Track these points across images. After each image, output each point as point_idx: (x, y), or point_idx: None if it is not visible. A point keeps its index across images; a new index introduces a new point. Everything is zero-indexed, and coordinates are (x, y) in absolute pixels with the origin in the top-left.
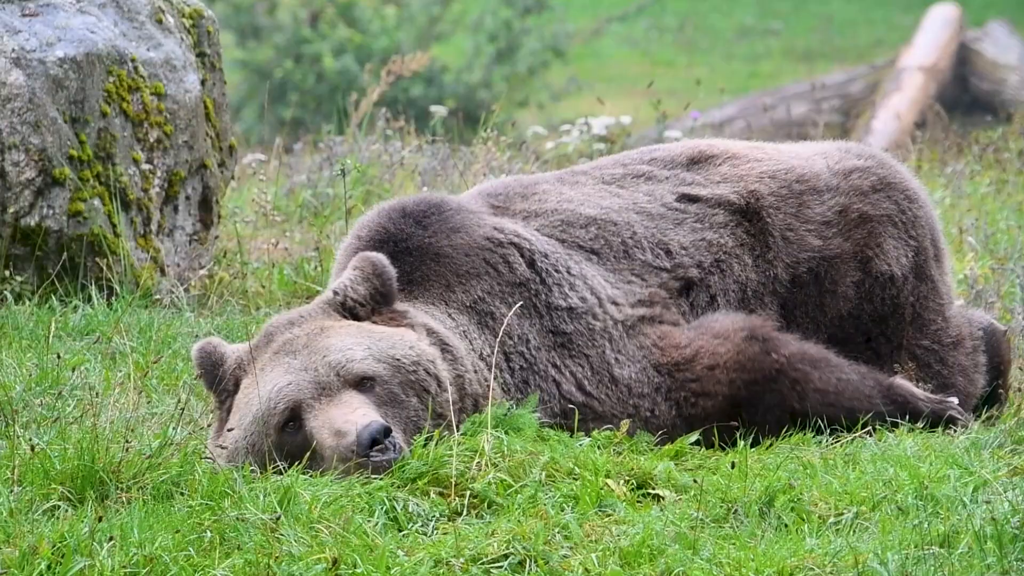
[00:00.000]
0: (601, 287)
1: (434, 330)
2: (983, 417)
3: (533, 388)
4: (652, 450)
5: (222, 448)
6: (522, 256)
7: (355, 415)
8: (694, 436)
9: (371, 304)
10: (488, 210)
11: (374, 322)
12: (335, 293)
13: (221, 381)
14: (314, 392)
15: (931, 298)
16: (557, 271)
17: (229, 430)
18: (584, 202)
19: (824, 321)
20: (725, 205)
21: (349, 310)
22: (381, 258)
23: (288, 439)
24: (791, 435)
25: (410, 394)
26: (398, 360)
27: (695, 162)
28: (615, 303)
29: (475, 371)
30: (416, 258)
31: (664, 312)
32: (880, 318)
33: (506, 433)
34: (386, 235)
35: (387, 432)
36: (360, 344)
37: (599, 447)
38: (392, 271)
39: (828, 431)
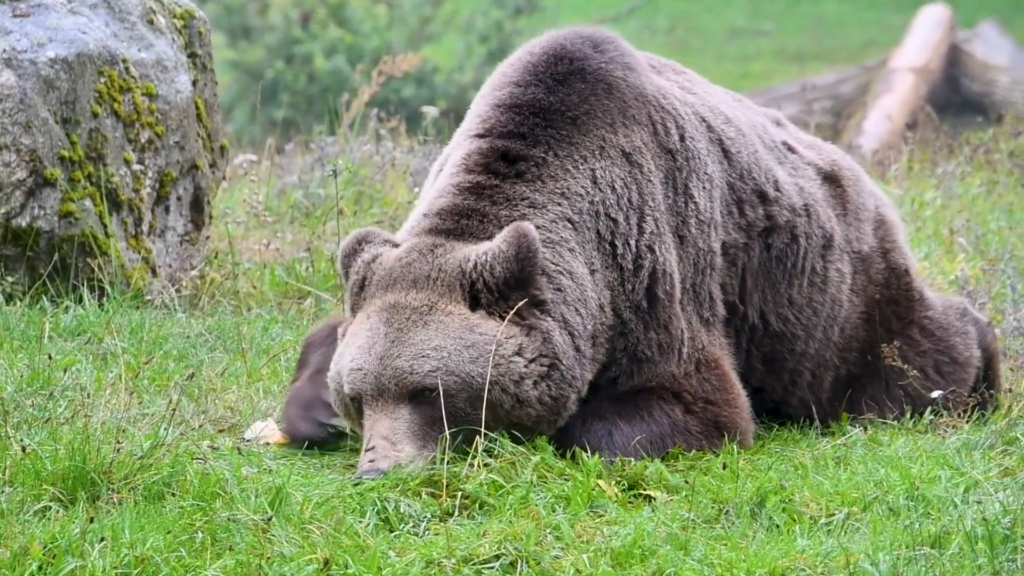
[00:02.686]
0: (718, 198)
1: (552, 341)
2: (975, 413)
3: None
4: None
5: (332, 371)
6: (676, 127)
7: (381, 448)
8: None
9: (498, 291)
10: (648, 67)
11: (491, 313)
12: (473, 267)
13: (351, 296)
14: (373, 392)
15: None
16: (697, 159)
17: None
18: (724, 103)
19: (871, 295)
20: (812, 165)
21: (474, 295)
22: (532, 236)
23: (352, 410)
24: (781, 435)
25: (478, 407)
26: (471, 377)
27: (779, 124)
28: (714, 225)
29: (579, 380)
30: (589, 85)
31: (710, 285)
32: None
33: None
34: (562, 52)
35: None
36: (440, 351)
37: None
38: (538, 252)
39: (820, 432)
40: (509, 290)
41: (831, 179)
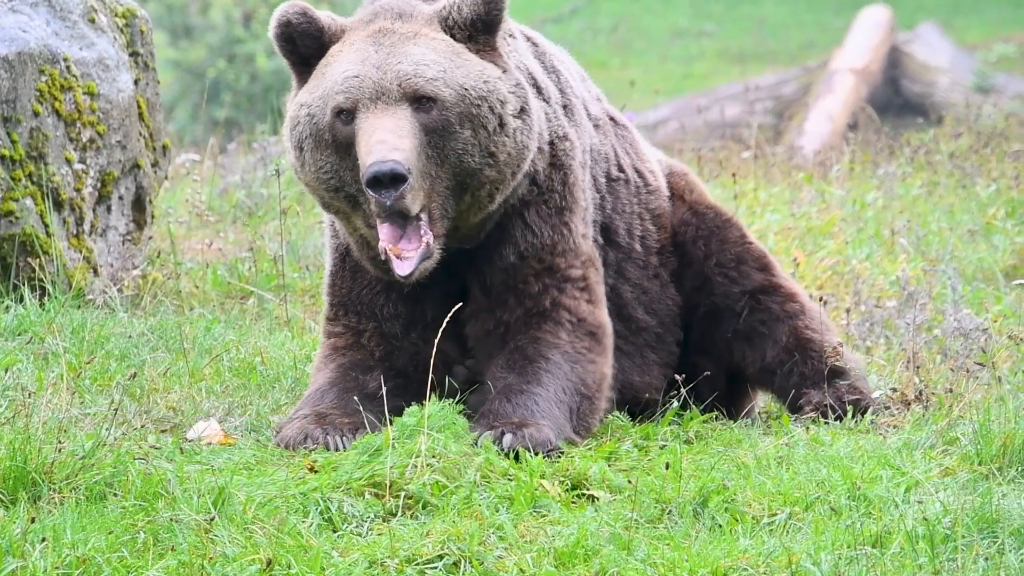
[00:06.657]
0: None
1: (523, 87)
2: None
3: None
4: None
5: (295, 109)
6: None
7: (391, 139)
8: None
9: (468, 31)
10: None
11: (468, 48)
12: (443, 8)
13: (304, 38)
14: (372, 94)
15: None
16: (547, 45)
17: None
18: None
19: None
20: None
21: (448, 28)
22: None
23: (339, 126)
24: (723, 435)
25: (465, 126)
26: (465, 90)
27: None
28: (584, 105)
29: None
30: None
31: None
32: None
33: (440, 432)
34: None
35: (394, 179)
36: (437, 63)
37: None
38: (507, 1)
39: (761, 431)
40: (477, 32)
41: None
